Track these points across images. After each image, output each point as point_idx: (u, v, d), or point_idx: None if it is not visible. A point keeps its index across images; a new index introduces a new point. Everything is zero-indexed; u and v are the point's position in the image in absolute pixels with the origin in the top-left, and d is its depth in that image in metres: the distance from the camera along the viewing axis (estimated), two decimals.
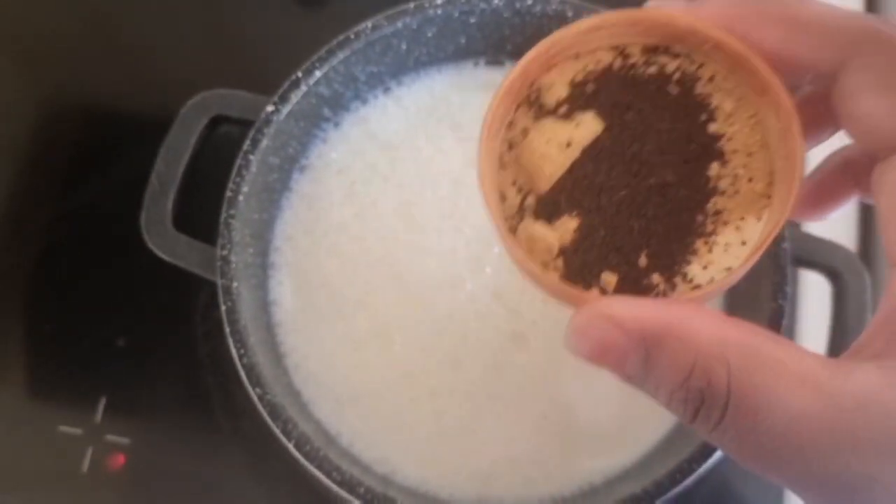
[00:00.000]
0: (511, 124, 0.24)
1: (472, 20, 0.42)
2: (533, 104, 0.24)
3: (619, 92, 0.24)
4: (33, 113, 0.54)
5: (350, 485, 0.36)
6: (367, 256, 0.43)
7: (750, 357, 0.19)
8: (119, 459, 0.46)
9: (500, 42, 0.43)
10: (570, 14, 0.40)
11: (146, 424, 0.47)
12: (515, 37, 0.43)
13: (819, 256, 0.40)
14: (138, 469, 0.46)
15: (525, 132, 0.24)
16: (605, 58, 0.24)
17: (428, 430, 0.40)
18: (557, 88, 0.24)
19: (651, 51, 0.24)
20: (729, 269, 0.22)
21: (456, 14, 0.41)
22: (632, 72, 0.24)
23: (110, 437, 0.46)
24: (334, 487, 0.35)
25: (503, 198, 0.24)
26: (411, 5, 0.41)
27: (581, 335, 0.21)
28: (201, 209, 0.42)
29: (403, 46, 0.42)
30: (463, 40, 0.43)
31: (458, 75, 0.45)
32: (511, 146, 0.24)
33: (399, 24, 0.41)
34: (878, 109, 0.21)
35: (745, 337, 0.19)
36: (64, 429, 0.46)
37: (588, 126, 0.23)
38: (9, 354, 0.49)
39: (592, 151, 0.23)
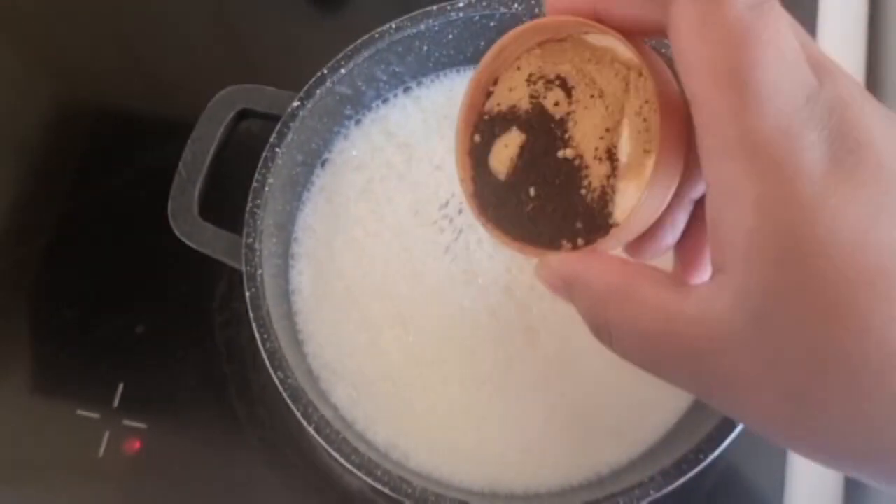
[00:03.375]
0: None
1: (492, 24, 0.43)
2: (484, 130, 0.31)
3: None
4: (60, 107, 0.56)
5: (368, 468, 0.37)
6: (383, 250, 0.44)
7: (623, 296, 0.24)
8: (135, 444, 0.47)
9: None
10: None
11: (163, 410, 0.48)
12: None
13: None
14: (154, 454, 0.47)
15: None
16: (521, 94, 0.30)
17: (440, 419, 0.42)
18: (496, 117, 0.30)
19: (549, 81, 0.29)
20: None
21: (476, 18, 0.43)
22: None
23: (127, 423, 0.47)
24: (353, 470, 0.37)
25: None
26: (434, 8, 0.42)
27: (540, 278, 0.28)
28: (224, 200, 0.43)
29: (425, 48, 0.44)
30: (482, 43, 0.44)
31: None
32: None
33: (422, 26, 0.42)
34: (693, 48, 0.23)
35: (621, 280, 0.25)
36: (82, 413, 0.47)
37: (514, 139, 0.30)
38: (30, 338, 0.50)
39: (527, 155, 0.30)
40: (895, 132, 0.21)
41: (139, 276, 0.50)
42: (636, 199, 0.26)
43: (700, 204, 0.29)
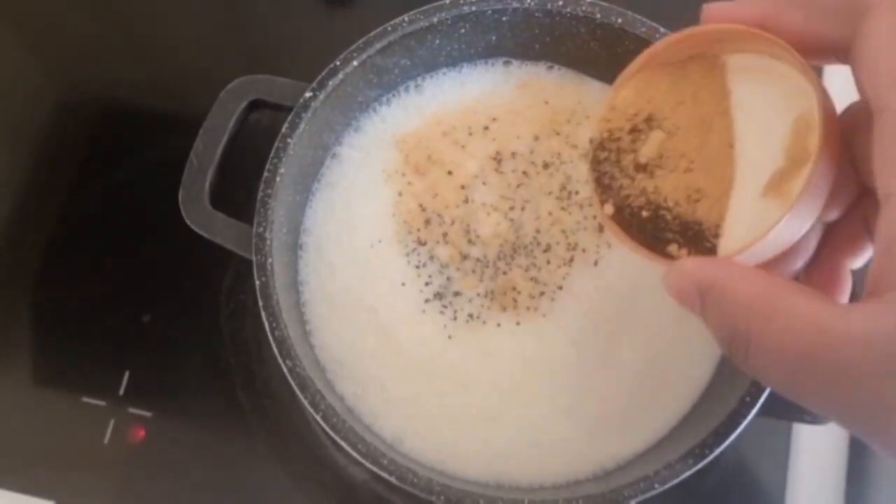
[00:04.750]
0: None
1: (504, 18, 0.43)
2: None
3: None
4: (69, 97, 0.56)
5: (374, 457, 0.37)
6: (388, 247, 0.44)
7: (771, 308, 0.23)
8: (140, 432, 0.47)
9: (529, 41, 0.45)
10: (598, 16, 0.42)
11: (168, 399, 0.48)
12: (544, 36, 0.44)
13: None
14: (158, 442, 0.47)
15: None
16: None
17: (447, 415, 0.41)
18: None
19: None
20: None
21: (489, 12, 0.43)
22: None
23: (133, 410, 0.47)
24: (359, 459, 0.37)
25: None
26: (447, 1, 0.43)
27: (669, 284, 0.27)
28: (233, 190, 0.43)
29: (437, 42, 0.44)
30: (493, 38, 0.45)
31: (487, 72, 0.46)
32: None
33: (434, 20, 0.42)
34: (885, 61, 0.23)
35: (767, 291, 0.23)
36: (88, 400, 0.48)
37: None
38: (38, 327, 0.50)
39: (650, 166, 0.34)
40: None
41: (147, 266, 0.51)
42: (777, 218, 0.26)
43: (831, 229, 0.29)
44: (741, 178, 0.30)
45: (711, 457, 0.37)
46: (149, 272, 0.51)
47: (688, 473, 0.37)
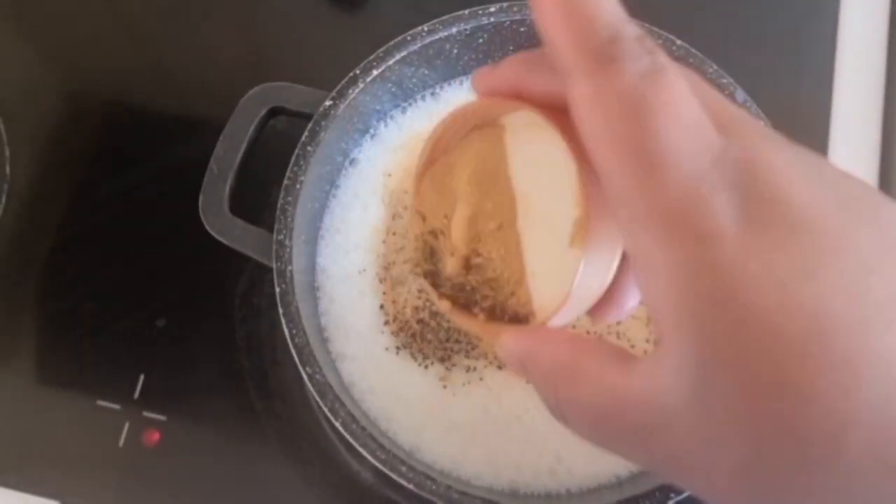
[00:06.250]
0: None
1: (523, 29, 0.44)
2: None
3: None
4: (89, 101, 0.56)
5: (392, 464, 0.37)
6: (395, 257, 0.44)
7: (570, 374, 0.24)
8: (154, 435, 0.47)
9: None
10: None
11: (182, 403, 0.48)
12: None
13: None
14: (173, 445, 0.47)
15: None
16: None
17: (463, 424, 0.42)
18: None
19: None
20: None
21: (507, 23, 0.43)
22: None
23: (147, 414, 0.48)
24: (379, 466, 0.37)
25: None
26: (465, 12, 0.43)
27: (499, 353, 0.28)
28: (250, 196, 0.43)
29: (455, 51, 0.44)
30: (511, 48, 0.45)
31: None
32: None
33: (453, 30, 0.43)
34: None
35: (569, 357, 0.24)
36: (103, 404, 0.48)
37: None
38: (53, 330, 0.50)
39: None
40: (815, 183, 0.20)
41: (162, 270, 0.51)
42: (577, 270, 0.25)
43: None
44: (537, 237, 0.29)
45: None
46: (163, 276, 0.51)
47: None
